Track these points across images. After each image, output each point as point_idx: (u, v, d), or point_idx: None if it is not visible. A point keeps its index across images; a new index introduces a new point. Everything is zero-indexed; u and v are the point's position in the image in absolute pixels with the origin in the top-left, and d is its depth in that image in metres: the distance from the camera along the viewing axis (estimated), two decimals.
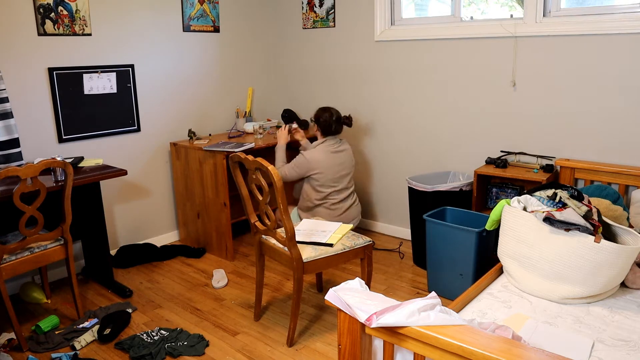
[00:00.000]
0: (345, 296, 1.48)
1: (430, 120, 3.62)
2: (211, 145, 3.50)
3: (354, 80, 3.98)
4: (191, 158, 3.62)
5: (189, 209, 3.79)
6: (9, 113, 2.92)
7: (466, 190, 3.23)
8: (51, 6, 3.08)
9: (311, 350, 2.50)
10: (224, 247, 3.60)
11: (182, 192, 3.81)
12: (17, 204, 2.39)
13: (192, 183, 3.67)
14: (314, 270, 2.51)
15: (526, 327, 1.82)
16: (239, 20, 4.17)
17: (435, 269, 2.97)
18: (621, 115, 2.85)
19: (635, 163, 2.85)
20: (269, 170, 2.30)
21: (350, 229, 2.69)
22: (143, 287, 3.23)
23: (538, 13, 3.04)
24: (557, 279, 2.03)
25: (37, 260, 2.61)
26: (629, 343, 1.73)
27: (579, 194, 2.15)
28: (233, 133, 4.01)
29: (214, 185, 3.50)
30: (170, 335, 2.61)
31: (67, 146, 3.29)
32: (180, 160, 3.73)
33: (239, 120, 4.13)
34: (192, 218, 3.79)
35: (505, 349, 1.25)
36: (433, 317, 1.36)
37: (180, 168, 3.76)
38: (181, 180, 3.77)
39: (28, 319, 2.85)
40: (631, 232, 2.08)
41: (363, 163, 4.08)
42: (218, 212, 3.54)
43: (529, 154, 3.20)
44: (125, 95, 3.52)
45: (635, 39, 2.73)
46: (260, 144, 3.61)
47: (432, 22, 3.56)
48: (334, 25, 4.00)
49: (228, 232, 3.53)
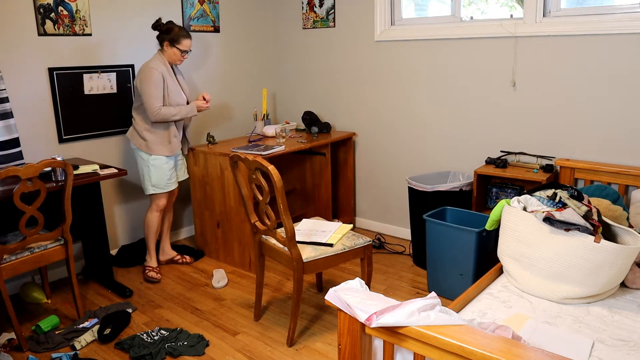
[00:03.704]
0: (345, 296, 1.48)
1: (430, 120, 3.62)
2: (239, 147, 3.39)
3: (354, 80, 3.98)
4: (211, 164, 3.40)
5: (208, 218, 3.56)
6: (9, 113, 2.92)
7: (466, 190, 3.23)
8: (51, 6, 3.08)
9: (311, 350, 2.51)
10: (247, 259, 3.40)
11: (200, 200, 3.57)
12: (17, 204, 2.39)
13: (212, 190, 3.44)
14: (314, 270, 2.51)
15: (526, 327, 1.82)
16: (239, 21, 4.17)
17: (435, 269, 2.97)
18: (621, 115, 2.85)
19: (635, 163, 2.85)
20: (269, 170, 2.30)
21: (349, 229, 2.69)
22: (143, 287, 3.23)
23: (538, 13, 3.04)
24: (557, 279, 2.03)
25: (37, 260, 2.61)
26: (629, 343, 1.73)
27: (578, 194, 2.15)
28: (253, 137, 3.85)
29: (237, 193, 3.28)
30: (170, 335, 2.61)
31: (67, 146, 3.29)
32: (198, 166, 3.50)
33: (257, 124, 3.97)
34: (211, 228, 3.57)
35: (505, 349, 1.25)
36: (433, 317, 1.36)
37: (198, 174, 3.52)
38: (199, 187, 3.54)
39: (28, 319, 2.85)
40: (631, 232, 2.08)
41: (363, 163, 4.08)
42: (241, 221, 3.33)
43: (528, 154, 3.20)
44: (125, 95, 3.52)
45: (635, 39, 2.73)
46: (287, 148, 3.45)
47: (432, 22, 3.56)
48: (334, 26, 4.00)
49: (251, 243, 3.19)
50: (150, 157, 3.19)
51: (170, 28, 3.13)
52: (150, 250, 3.41)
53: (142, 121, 3.17)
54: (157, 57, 3.15)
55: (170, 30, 3.13)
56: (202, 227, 3.66)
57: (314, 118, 4.01)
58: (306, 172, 4.11)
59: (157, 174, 3.22)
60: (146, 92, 3.05)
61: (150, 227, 3.34)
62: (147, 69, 3.07)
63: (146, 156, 3.20)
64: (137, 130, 3.20)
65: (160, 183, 3.24)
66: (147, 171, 3.23)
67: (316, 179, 4.04)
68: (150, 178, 3.23)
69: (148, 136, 3.17)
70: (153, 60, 3.13)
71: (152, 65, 3.08)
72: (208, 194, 3.51)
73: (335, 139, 3.84)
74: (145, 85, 3.05)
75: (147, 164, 3.21)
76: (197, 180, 3.56)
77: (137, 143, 3.20)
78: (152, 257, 3.42)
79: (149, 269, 3.36)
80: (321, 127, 3.95)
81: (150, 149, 3.18)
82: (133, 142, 3.23)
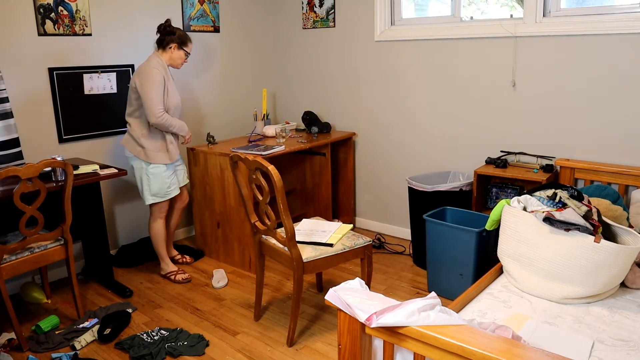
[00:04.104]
0: (345, 296, 1.48)
1: (430, 120, 3.62)
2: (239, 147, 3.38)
3: (354, 81, 3.98)
4: (211, 164, 3.39)
5: (208, 218, 3.55)
6: (9, 113, 2.92)
7: (466, 190, 3.23)
8: (51, 6, 3.08)
9: (311, 350, 2.51)
10: (247, 259, 3.40)
11: (199, 200, 3.57)
12: (17, 204, 2.39)
13: (212, 190, 3.44)
14: (314, 270, 2.51)
15: (526, 327, 1.82)
16: (239, 21, 4.17)
17: (435, 269, 2.97)
18: (621, 115, 2.85)
19: (635, 163, 2.85)
20: (269, 170, 2.31)
21: (349, 229, 2.69)
22: (143, 287, 3.23)
23: (538, 13, 3.04)
24: (557, 279, 2.03)
25: (37, 260, 2.61)
26: (629, 343, 1.73)
27: (578, 194, 2.15)
28: (253, 137, 3.85)
29: (237, 193, 3.28)
30: (170, 335, 2.61)
31: (68, 146, 3.29)
32: (198, 167, 3.49)
33: (257, 124, 3.95)
34: (212, 228, 3.56)
35: (505, 349, 1.25)
36: (433, 317, 1.36)
37: (198, 175, 3.51)
38: (199, 187, 3.53)
39: (28, 319, 2.85)
40: (631, 232, 2.08)
41: (363, 163, 4.08)
42: (241, 221, 3.33)
43: (528, 154, 3.20)
44: (125, 95, 3.51)
45: (635, 39, 2.73)
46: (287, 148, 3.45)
47: (432, 22, 3.56)
48: (334, 26, 4.00)
49: (252, 243, 3.15)
50: (149, 165, 3.07)
51: (175, 30, 3.05)
52: (163, 257, 3.31)
53: (139, 127, 3.03)
54: (155, 59, 3.02)
55: (175, 32, 3.04)
56: (202, 227, 3.65)
57: (314, 118, 4.01)
58: (306, 172, 4.11)
59: (157, 183, 3.10)
60: (148, 94, 2.91)
61: (157, 236, 3.25)
62: (149, 70, 2.94)
63: (145, 165, 3.08)
64: (133, 137, 3.06)
65: (160, 192, 3.13)
66: (145, 180, 3.10)
67: (316, 179, 4.04)
68: (149, 188, 3.11)
69: (146, 143, 3.04)
70: (152, 61, 3.00)
71: (153, 66, 2.96)
72: (208, 194, 3.50)
73: (335, 139, 3.84)
74: (147, 87, 2.91)
75: (146, 173, 3.09)
76: (197, 181, 3.55)
77: (135, 151, 3.06)
78: (168, 263, 3.33)
79: (173, 274, 3.27)
80: (321, 127, 3.95)
81: (149, 157, 3.05)
82: (129, 149, 3.09)
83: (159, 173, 3.10)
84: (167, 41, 3.04)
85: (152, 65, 2.97)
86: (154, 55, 3.06)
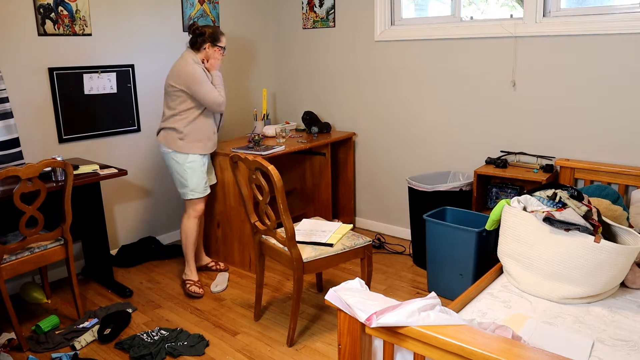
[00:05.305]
0: (345, 296, 1.48)
1: (430, 120, 3.62)
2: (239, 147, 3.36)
3: (354, 81, 3.98)
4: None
5: (207, 217, 3.52)
6: (9, 113, 2.92)
7: (466, 190, 3.23)
8: (51, 6, 3.08)
9: (311, 350, 2.51)
10: (247, 260, 3.39)
11: None
12: (17, 204, 2.39)
13: (212, 190, 3.38)
14: (314, 270, 2.51)
15: (526, 327, 1.82)
16: (239, 20, 4.17)
17: (435, 269, 2.97)
18: (621, 115, 2.85)
19: (635, 163, 2.85)
20: (269, 170, 2.31)
21: (349, 229, 2.69)
22: (143, 287, 3.23)
23: (538, 13, 3.04)
24: (557, 279, 2.03)
25: (37, 260, 2.62)
26: (629, 343, 1.73)
27: (578, 194, 2.15)
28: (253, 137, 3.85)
29: (237, 193, 3.27)
30: (170, 335, 2.61)
31: (68, 146, 3.29)
32: None
33: (257, 124, 3.94)
34: (212, 228, 3.55)
35: (505, 349, 1.25)
36: (433, 317, 1.36)
37: None
38: None
39: (28, 319, 2.85)
40: (631, 232, 2.08)
41: (363, 163, 4.08)
42: (241, 221, 3.32)
43: (528, 154, 3.20)
44: (125, 95, 3.52)
45: (635, 39, 2.73)
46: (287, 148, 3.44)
47: (432, 22, 3.56)
48: (334, 26, 4.00)
49: (252, 243, 3.12)
50: (187, 158, 3.02)
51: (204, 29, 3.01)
52: (189, 262, 3.18)
53: (182, 124, 2.99)
54: (190, 56, 2.99)
55: (204, 31, 3.01)
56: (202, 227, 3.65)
57: (314, 118, 4.01)
58: (306, 172, 4.11)
59: (195, 177, 3.06)
60: (201, 90, 2.91)
61: (190, 236, 3.14)
62: (190, 67, 2.92)
63: (182, 158, 3.02)
64: (175, 130, 3.00)
65: (198, 187, 3.09)
66: (184, 175, 3.05)
67: (316, 179, 4.04)
68: (188, 183, 3.06)
69: (188, 131, 2.99)
70: (188, 59, 2.97)
71: (189, 63, 2.93)
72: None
73: (335, 139, 3.84)
74: (196, 86, 2.90)
75: (184, 167, 3.04)
76: None
77: (174, 145, 3.01)
78: (193, 270, 3.19)
79: (190, 283, 3.12)
80: (321, 127, 3.95)
81: (186, 147, 3.00)
82: (166, 145, 3.04)
83: (196, 167, 3.06)
84: (199, 43, 3.02)
85: (189, 62, 2.95)
86: (187, 53, 3.03)
